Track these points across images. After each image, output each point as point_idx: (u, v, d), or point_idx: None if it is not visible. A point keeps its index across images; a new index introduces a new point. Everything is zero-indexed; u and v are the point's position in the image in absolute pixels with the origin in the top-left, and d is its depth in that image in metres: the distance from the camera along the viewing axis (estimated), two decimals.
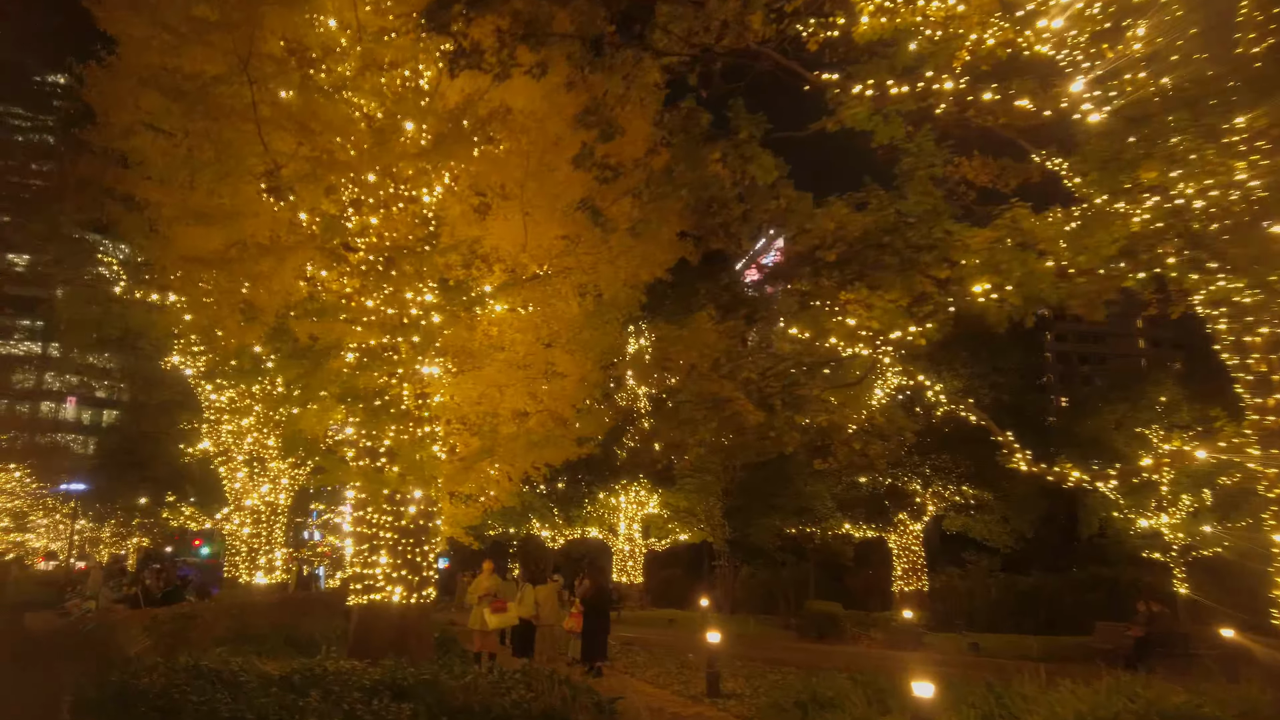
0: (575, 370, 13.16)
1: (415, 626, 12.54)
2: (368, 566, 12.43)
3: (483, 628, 14.29)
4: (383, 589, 12.32)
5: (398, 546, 12.40)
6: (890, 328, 7.88)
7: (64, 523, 47.58)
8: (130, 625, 11.21)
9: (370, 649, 12.09)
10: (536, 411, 13.63)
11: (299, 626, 15.62)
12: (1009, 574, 29.13)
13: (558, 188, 11.74)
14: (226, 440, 22.13)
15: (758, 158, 8.46)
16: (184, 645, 12.57)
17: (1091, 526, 25.88)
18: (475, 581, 14.94)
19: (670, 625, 29.76)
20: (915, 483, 26.49)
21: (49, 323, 52.30)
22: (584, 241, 12.17)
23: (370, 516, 12.42)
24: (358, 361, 11.16)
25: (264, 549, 21.84)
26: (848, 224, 7.94)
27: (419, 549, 12.56)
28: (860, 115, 7.28)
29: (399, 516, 12.35)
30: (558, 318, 12.79)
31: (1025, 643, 21.60)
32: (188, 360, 22.17)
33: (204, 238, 11.07)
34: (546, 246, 12.27)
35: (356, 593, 12.56)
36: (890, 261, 7.45)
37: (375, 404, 10.94)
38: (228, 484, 22.27)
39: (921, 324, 7.67)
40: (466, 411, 13.58)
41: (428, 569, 12.75)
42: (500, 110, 10.92)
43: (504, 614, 14.44)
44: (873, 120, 7.34)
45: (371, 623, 12.34)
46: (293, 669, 9.83)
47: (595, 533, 40.96)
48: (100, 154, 13.78)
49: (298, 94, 10.06)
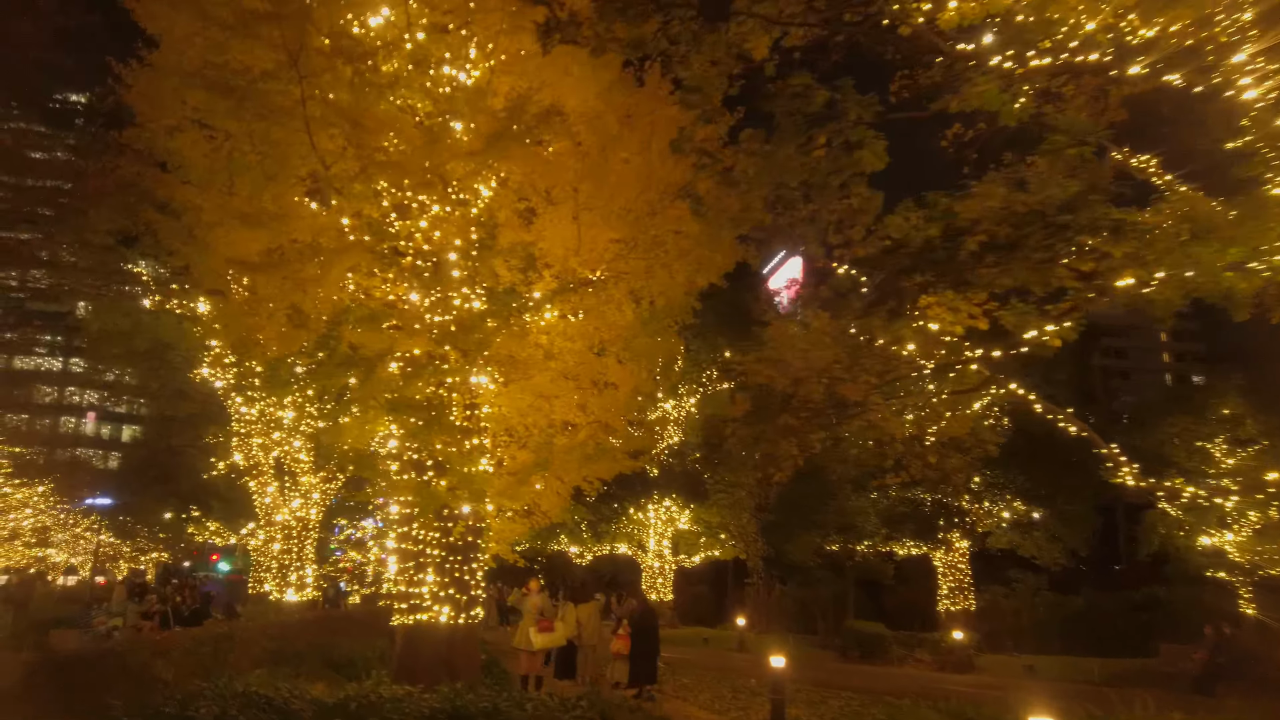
0: (627, 380, 12.68)
1: (463, 648, 12.07)
2: (413, 585, 11.98)
3: (528, 648, 13.78)
4: (429, 608, 11.87)
5: (445, 564, 11.95)
6: (1022, 327, 7.35)
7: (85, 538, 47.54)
8: (168, 646, 10.77)
9: (417, 672, 11.64)
10: (586, 424, 13.16)
11: (336, 646, 15.18)
12: (1056, 593, 28.34)
13: (612, 188, 11.32)
14: (257, 454, 21.80)
15: (869, 143, 7.95)
16: (222, 667, 12.15)
17: (1152, 544, 25.08)
18: (521, 600, 14.43)
19: (705, 644, 29.12)
20: (964, 499, 25.78)
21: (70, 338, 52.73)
22: (639, 245, 11.72)
23: (416, 532, 11.98)
24: (403, 371, 10.74)
25: (295, 565, 21.45)
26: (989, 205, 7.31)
27: (467, 566, 12.10)
28: (990, 93, 6.77)
29: (446, 533, 11.89)
30: (610, 326, 12.32)
31: (1084, 666, 20.83)
32: (217, 372, 21.90)
33: (247, 241, 10.73)
34: (600, 250, 11.84)
35: (401, 612, 12.11)
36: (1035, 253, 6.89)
37: (426, 415, 10.50)
38: (258, 499, 21.93)
39: (1059, 322, 7.13)
40: (514, 423, 13.14)
41: (475, 587, 12.29)
42: (554, 109, 10.53)
43: (551, 634, 13.94)
44: (1000, 97, 6.83)
45: (418, 644, 11.88)
46: (346, 695, 9.38)
47: (624, 549, 40.37)
48: (137, 158, 13.56)
49: (349, 90, 9.69)
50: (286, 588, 21.26)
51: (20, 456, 36.43)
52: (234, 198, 11.33)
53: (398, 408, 10.02)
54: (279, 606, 21.11)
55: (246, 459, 21.64)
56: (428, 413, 10.58)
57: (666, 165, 11.38)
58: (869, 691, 16.04)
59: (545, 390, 12.31)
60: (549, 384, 12.34)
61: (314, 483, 22.24)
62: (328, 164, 10.33)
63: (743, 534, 33.39)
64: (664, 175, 11.41)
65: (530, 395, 12.40)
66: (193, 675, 11.42)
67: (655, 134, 11.21)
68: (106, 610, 23.14)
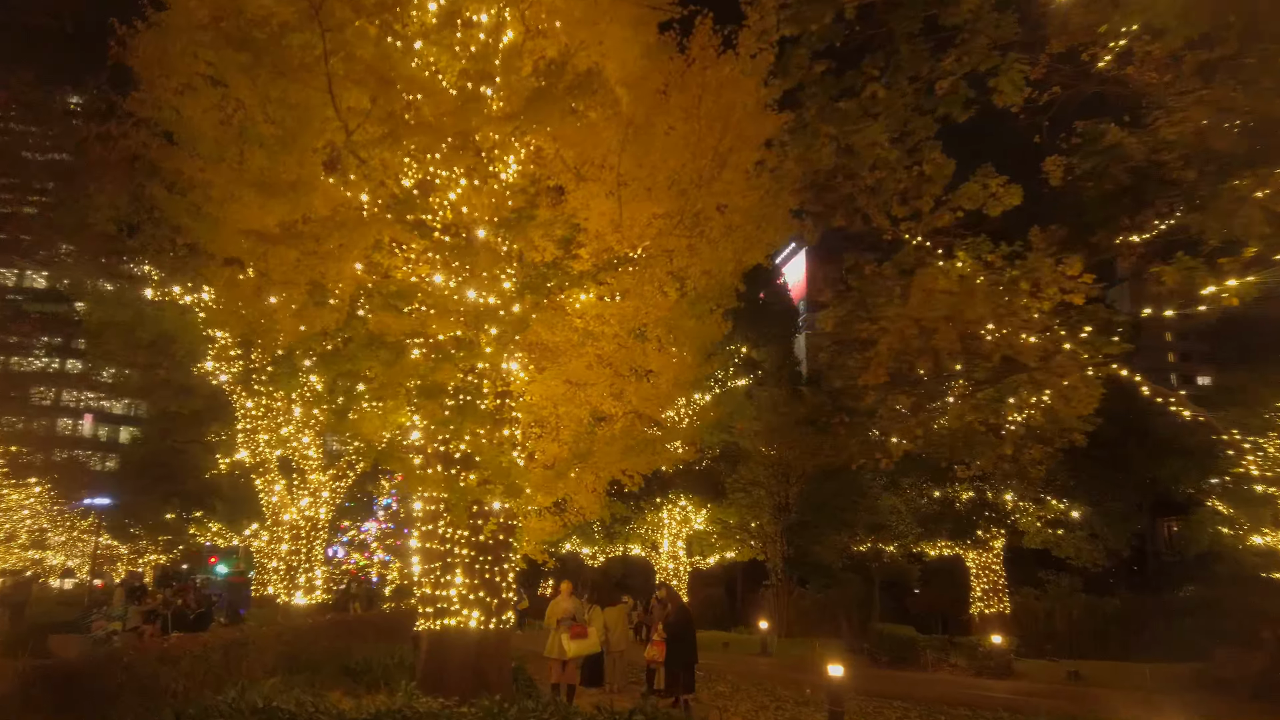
0: (668, 368, 11.88)
1: (494, 656, 11.29)
2: (440, 587, 11.20)
3: (561, 656, 12.99)
4: (458, 613, 11.09)
5: (474, 565, 11.17)
6: (1190, 285, 6.54)
7: (82, 539, 46.80)
8: (176, 653, 10.00)
9: (444, 681, 10.88)
10: (622, 414, 12.38)
11: (352, 653, 14.41)
12: (1091, 595, 27.52)
13: (656, 158, 10.53)
14: (264, 451, 21.00)
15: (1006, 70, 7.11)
16: (234, 676, 11.38)
17: (1201, 543, 24.24)
18: (553, 604, 13.64)
19: (726, 649, 28.31)
20: (1005, 495, 24.91)
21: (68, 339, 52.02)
22: (684, 220, 10.92)
23: (443, 531, 11.20)
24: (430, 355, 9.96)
25: (303, 567, 20.65)
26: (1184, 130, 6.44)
27: (498, 567, 11.33)
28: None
29: (476, 531, 11.12)
30: (650, 308, 11.51)
31: (1133, 671, 20.02)
32: (222, 366, 21.12)
33: (261, 213, 9.95)
34: (641, 226, 11.05)
35: (426, 616, 11.33)
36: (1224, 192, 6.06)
37: (457, 402, 9.71)
38: (264, 497, 21.13)
39: (1240, 276, 6.31)
40: (546, 414, 12.36)
41: (507, 590, 11.50)
42: (594, 71, 9.74)
43: (585, 640, 13.15)
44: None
45: (445, 651, 11.11)
46: (377, 710, 8.61)
47: (637, 550, 39.57)
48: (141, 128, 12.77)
49: (375, 45, 8.91)
50: (295, 590, 20.46)
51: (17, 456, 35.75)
52: (248, 167, 10.59)
53: (429, 394, 9.22)
54: (287, 610, 20.32)
55: (253, 455, 20.84)
56: (459, 400, 9.79)
57: (715, 131, 10.59)
58: (917, 700, 15.27)
59: (580, 377, 11.53)
60: (584, 370, 11.56)
61: (323, 480, 21.44)
62: (350, 128, 9.55)
63: (762, 534, 32.57)
64: (712, 143, 10.61)
65: (563, 383, 11.62)
66: (203, 685, 10.66)
67: (704, 96, 10.42)
68: (106, 614, 22.37)
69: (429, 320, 9.42)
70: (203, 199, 11.49)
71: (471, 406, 9.65)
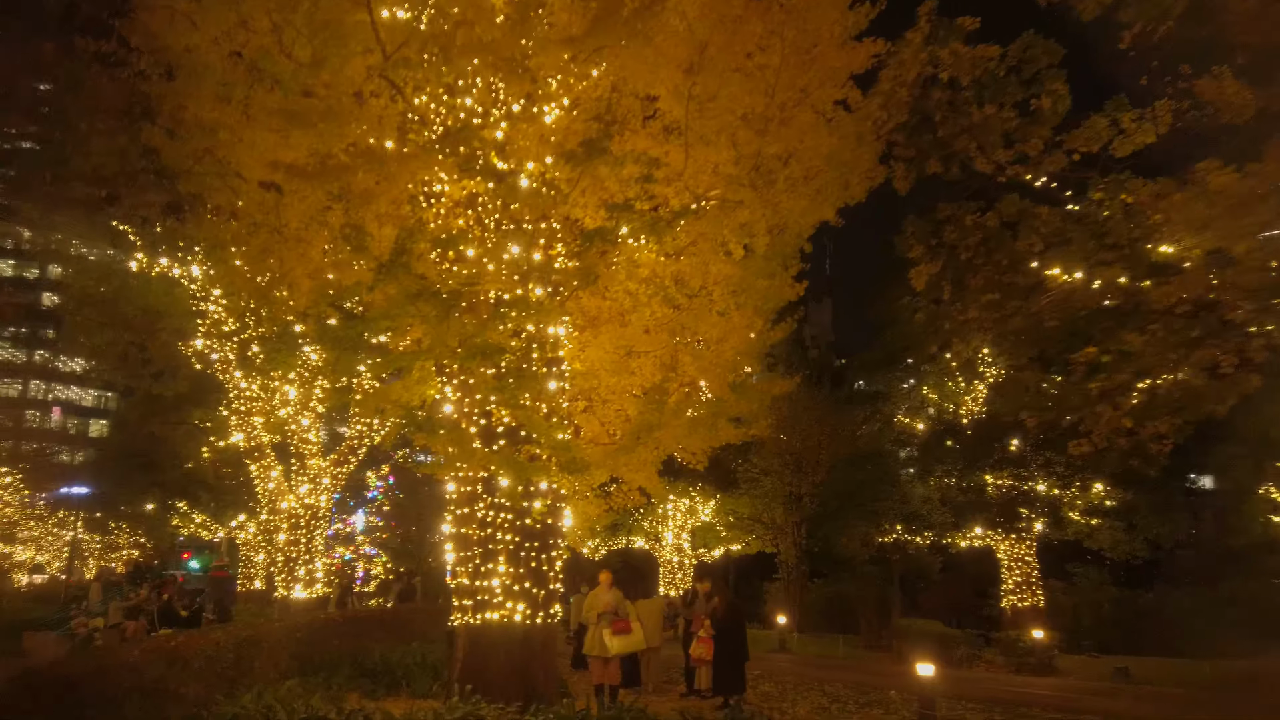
0: (732, 333, 10.80)
1: (542, 654, 10.23)
2: (479, 577, 10.11)
3: (603, 654, 11.90)
4: (500, 605, 10.00)
5: (519, 552, 10.10)
6: None
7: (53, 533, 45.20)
8: (186, 654, 8.86)
9: (485, 682, 9.80)
10: (676, 385, 11.29)
11: (368, 652, 13.31)
12: (1122, 588, 26.78)
13: (730, 93, 9.41)
14: (259, 434, 19.74)
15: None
16: (248, 678, 10.25)
17: (1251, 533, 23.48)
18: (591, 596, 12.55)
19: None
20: (1044, 482, 23.97)
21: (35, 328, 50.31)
22: (757, 166, 9.82)
23: (483, 514, 10.10)
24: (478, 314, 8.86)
25: (303, 559, 19.43)
26: None
27: (544, 555, 10.26)
28: None
29: (521, 514, 10.03)
30: (716, 264, 10.43)
31: (1185, 669, 19.17)
32: (214, 343, 19.83)
33: (279, 147, 8.79)
34: (709, 173, 9.95)
35: (464, 610, 10.25)
36: None
37: (510, 365, 8.62)
38: (260, 484, 19.88)
39: None
40: (592, 385, 11.26)
41: (554, 580, 10.43)
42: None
43: (629, 636, 12.08)
44: None
45: (487, 649, 10.02)
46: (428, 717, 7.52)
47: (641, 542, 38.53)
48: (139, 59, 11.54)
49: None
50: (294, 584, 19.25)
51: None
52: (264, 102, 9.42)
53: (481, 355, 8.11)
54: (285, 605, 19.12)
55: (249, 439, 19.57)
56: (514, 362, 8.69)
57: (794, 64, 9.49)
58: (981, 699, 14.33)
59: (637, 343, 10.45)
60: (641, 336, 10.49)
61: (323, 466, 20.21)
62: (388, 50, 8.43)
63: (774, 526, 31.61)
64: (790, 78, 9.52)
65: (616, 349, 10.53)
66: (214, 688, 9.52)
67: (786, 23, 9.31)
68: (86, 610, 21.11)
69: (484, 273, 8.31)
70: (209, 142, 10.31)
71: (528, 373, 8.53)
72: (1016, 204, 9.48)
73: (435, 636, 16.06)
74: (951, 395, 27.38)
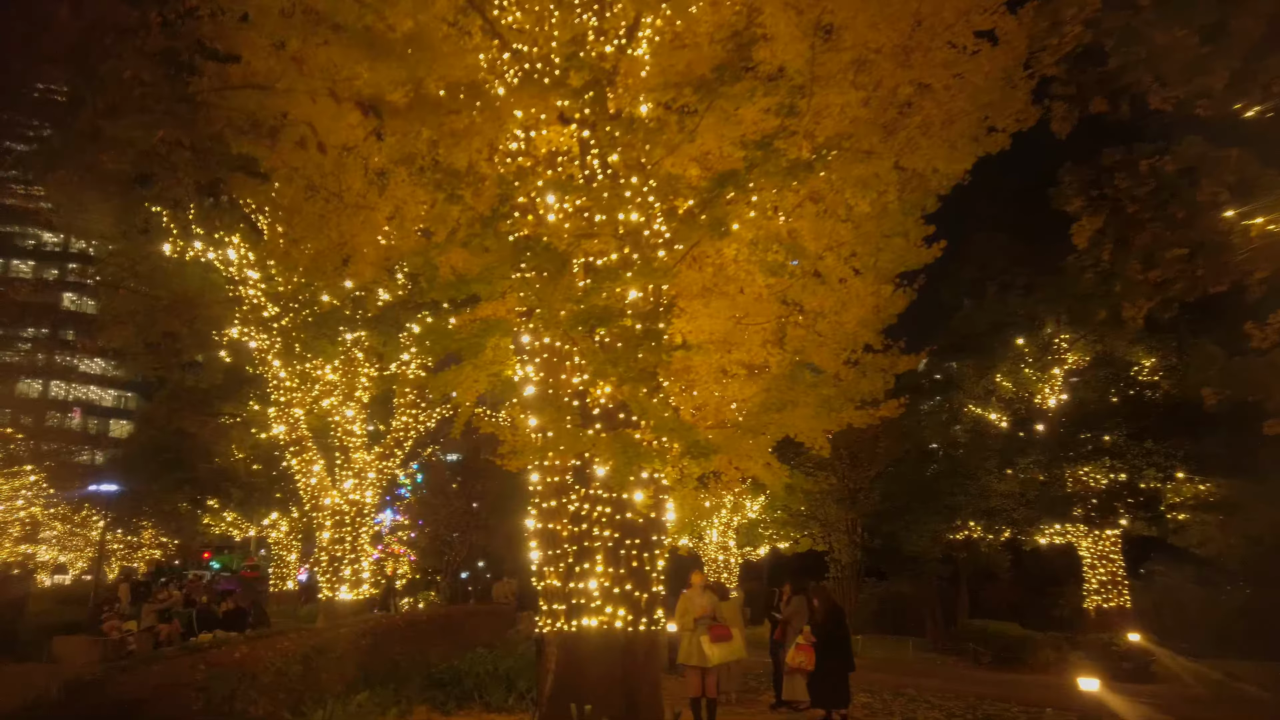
0: (852, 302, 9.63)
1: (645, 665, 9.11)
2: (573, 579, 9.02)
3: (702, 664, 10.79)
4: (599, 610, 8.91)
5: (619, 550, 9.00)
6: None
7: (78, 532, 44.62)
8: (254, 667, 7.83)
9: (583, 696, 8.72)
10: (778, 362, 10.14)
11: (433, 660, 12.27)
12: (1207, 587, 25.35)
13: (869, 20, 8.25)
14: (301, 426, 18.76)
15: None
16: (314, 690, 9.22)
17: None
18: (684, 599, 11.44)
19: None
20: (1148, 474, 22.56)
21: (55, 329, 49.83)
22: (889, 107, 8.66)
23: (576, 507, 9.01)
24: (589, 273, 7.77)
25: (348, 558, 18.44)
26: None
27: (646, 553, 9.16)
28: None
29: (620, 507, 8.93)
30: (836, 223, 9.27)
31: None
32: (252, 330, 18.86)
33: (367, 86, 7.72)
34: (835, 116, 8.79)
35: (554, 615, 9.18)
36: None
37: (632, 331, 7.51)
38: (301, 479, 18.90)
39: None
40: (690, 362, 10.13)
41: (657, 582, 9.32)
42: None
43: (729, 644, 10.98)
44: None
45: (583, 660, 8.93)
46: None
47: (684, 540, 37.36)
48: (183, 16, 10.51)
49: None
50: (340, 584, 18.26)
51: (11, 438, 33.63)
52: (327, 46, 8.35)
53: (601, 318, 7.00)
54: (330, 607, 18.14)
55: (290, 432, 18.58)
56: (626, 330, 7.58)
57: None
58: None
59: (751, 311, 9.29)
60: (753, 303, 9.34)
61: (368, 460, 19.22)
62: None
63: (826, 522, 30.35)
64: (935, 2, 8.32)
65: (727, 318, 9.39)
66: (281, 704, 8.51)
67: None
68: (118, 613, 20.27)
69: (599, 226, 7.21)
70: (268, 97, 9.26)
71: (649, 343, 7.36)
72: (1199, 146, 8.28)
73: (496, 642, 15.07)
74: (1028, 383, 26.05)
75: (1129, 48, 8.10)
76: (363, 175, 9.64)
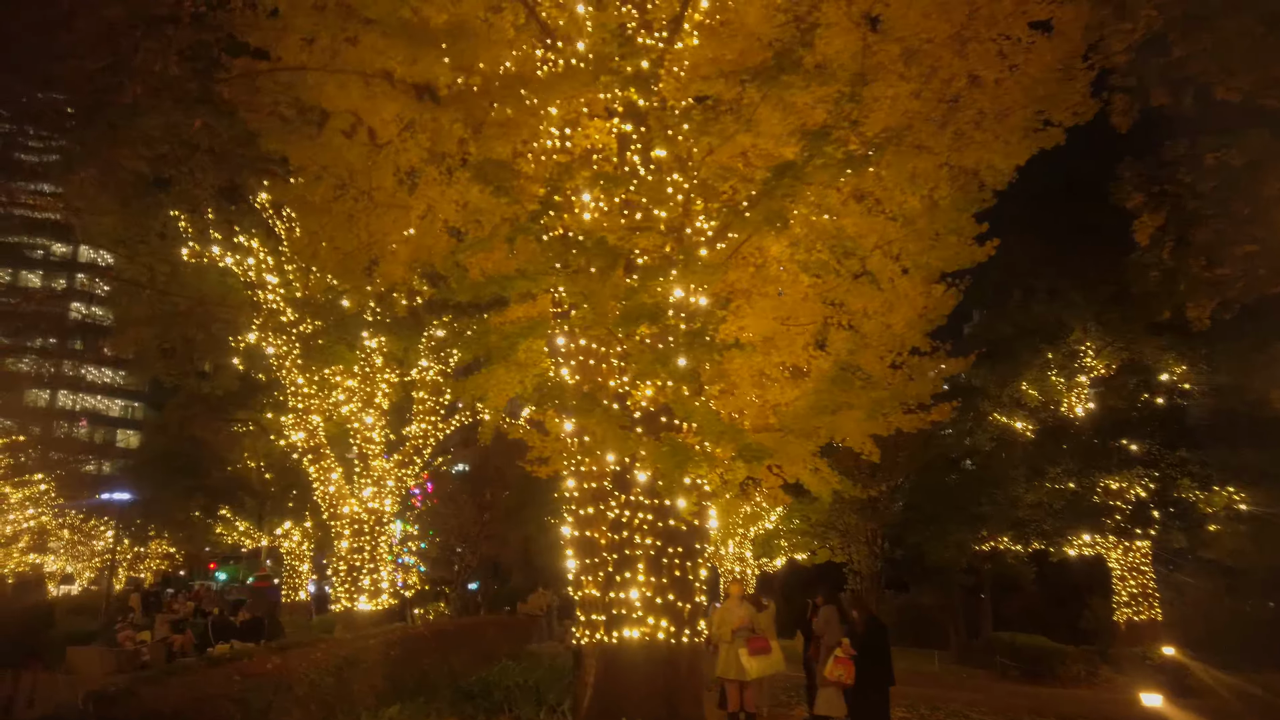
0: (899, 303, 9.34)
1: (688, 678, 8.82)
2: (613, 588, 8.74)
3: (740, 677, 10.48)
4: (641, 621, 8.62)
5: (660, 559, 8.71)
6: None
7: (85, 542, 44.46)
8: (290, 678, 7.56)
9: (624, 710, 8.42)
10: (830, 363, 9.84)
11: (460, 671, 11.98)
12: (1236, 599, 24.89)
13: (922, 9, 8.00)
14: (320, 433, 18.53)
15: None
16: (345, 701, 8.94)
17: None
18: (722, 611, 11.13)
19: None
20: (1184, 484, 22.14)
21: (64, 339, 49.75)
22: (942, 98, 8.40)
23: (616, 514, 8.73)
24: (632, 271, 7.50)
25: (367, 567, 18.18)
26: None
27: (689, 562, 8.88)
28: None
29: (662, 514, 8.65)
30: (883, 221, 9.00)
31: None
32: (269, 336, 18.66)
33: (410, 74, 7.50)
34: (886, 109, 8.54)
35: (593, 626, 8.90)
36: None
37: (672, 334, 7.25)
38: (319, 487, 18.66)
39: None
40: (730, 365, 9.85)
41: (699, 592, 9.04)
42: None
43: (768, 657, 10.67)
44: None
45: (624, 672, 8.66)
46: None
47: None
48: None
49: None
50: (359, 594, 17.99)
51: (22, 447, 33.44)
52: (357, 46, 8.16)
53: (650, 316, 6.73)
54: (349, 618, 17.86)
55: (309, 439, 18.34)
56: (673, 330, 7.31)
57: None
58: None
59: (795, 313, 9.02)
60: (799, 304, 9.06)
61: (387, 468, 18.97)
62: None
63: (846, 533, 29.92)
64: None
65: (771, 319, 9.12)
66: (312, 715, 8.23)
67: None
68: (132, 623, 20.01)
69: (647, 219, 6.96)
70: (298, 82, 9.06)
71: (700, 343, 7.08)
72: (1265, 139, 8.00)
73: (519, 653, 14.78)
74: (1054, 391, 25.67)
75: (1196, 35, 7.85)
76: (393, 174, 9.43)
